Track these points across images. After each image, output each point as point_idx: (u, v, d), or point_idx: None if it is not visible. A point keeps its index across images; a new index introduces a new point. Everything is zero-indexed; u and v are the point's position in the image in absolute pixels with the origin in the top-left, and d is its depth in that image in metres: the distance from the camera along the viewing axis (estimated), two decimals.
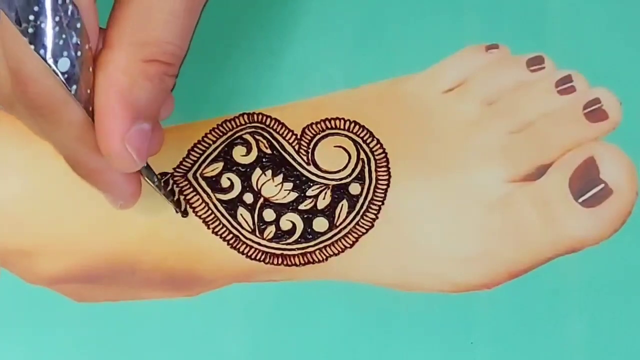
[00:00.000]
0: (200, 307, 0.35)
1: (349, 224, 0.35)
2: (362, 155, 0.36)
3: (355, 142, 0.37)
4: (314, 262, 0.35)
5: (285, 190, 0.36)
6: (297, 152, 0.36)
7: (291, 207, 0.35)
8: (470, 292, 0.35)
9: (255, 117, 0.37)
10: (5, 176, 0.35)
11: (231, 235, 0.35)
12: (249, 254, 0.35)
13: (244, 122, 0.37)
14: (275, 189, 0.36)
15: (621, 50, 0.39)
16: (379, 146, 0.37)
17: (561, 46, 0.39)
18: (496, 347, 0.34)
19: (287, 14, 0.39)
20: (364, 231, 0.35)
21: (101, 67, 0.26)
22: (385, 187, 0.36)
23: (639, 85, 0.38)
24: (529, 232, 0.35)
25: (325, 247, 0.35)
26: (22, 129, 0.27)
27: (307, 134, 0.37)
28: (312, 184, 0.36)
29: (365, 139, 0.37)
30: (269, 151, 0.36)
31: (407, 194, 0.36)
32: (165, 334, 0.34)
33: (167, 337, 0.34)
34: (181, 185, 0.35)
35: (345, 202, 0.36)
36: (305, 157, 0.36)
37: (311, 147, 0.36)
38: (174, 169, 0.36)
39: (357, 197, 0.36)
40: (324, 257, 0.35)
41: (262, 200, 0.35)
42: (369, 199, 0.36)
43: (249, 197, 0.35)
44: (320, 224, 0.35)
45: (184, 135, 0.36)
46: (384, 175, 0.36)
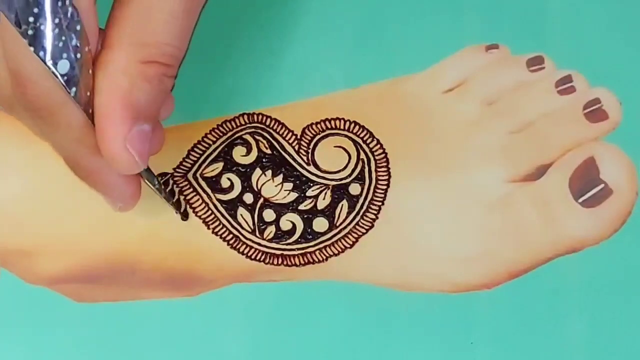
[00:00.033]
0: (200, 307, 0.35)
1: (349, 224, 0.35)
2: (362, 155, 0.36)
3: (355, 142, 0.37)
4: (314, 262, 0.35)
5: (285, 190, 0.36)
6: (297, 152, 0.36)
7: (291, 207, 0.35)
8: (470, 292, 0.35)
9: (255, 117, 0.37)
10: (5, 176, 0.35)
11: (231, 235, 0.35)
12: (249, 254, 0.35)
13: (244, 122, 0.37)
14: (275, 189, 0.36)
15: (621, 50, 0.39)
16: (379, 146, 0.37)
17: (561, 46, 0.39)
18: (496, 347, 0.34)
19: (287, 14, 0.39)
20: (364, 231, 0.35)
21: (101, 67, 0.26)
22: (385, 187, 0.36)
23: (639, 85, 0.38)
24: (529, 232, 0.35)
25: (325, 247, 0.35)
26: (22, 129, 0.27)
27: (307, 134, 0.37)
28: (312, 184, 0.36)
29: (365, 139, 0.37)
30: (269, 151, 0.36)
31: (407, 194, 0.36)
32: (165, 334, 0.34)
33: (167, 337, 0.34)
34: (181, 185, 0.35)
35: (345, 202, 0.36)
36: (305, 157, 0.36)
37: (311, 147, 0.36)
38: (174, 169, 0.36)
39: (357, 197, 0.36)
40: (324, 257, 0.35)
41: (262, 200, 0.35)
42: (369, 199, 0.36)
43: (249, 198, 0.35)
44: (320, 224, 0.35)
45: (184, 135, 0.36)
46: (384, 175, 0.36)
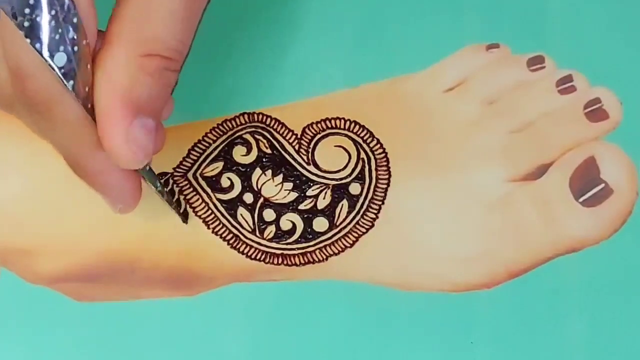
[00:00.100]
0: (200, 307, 0.35)
1: (349, 223, 0.35)
2: (362, 155, 0.36)
3: (355, 141, 0.37)
4: (314, 262, 0.35)
5: (285, 190, 0.36)
6: (297, 152, 0.36)
7: (291, 207, 0.35)
8: (470, 292, 0.35)
9: (255, 117, 0.37)
10: (5, 175, 0.35)
11: (231, 235, 0.35)
12: (249, 254, 0.35)
13: (244, 122, 0.37)
14: (275, 188, 0.36)
15: (621, 50, 0.39)
16: (379, 146, 0.37)
17: (561, 46, 0.39)
18: (496, 347, 0.34)
19: (287, 13, 0.39)
20: (364, 231, 0.35)
21: (100, 63, 0.25)
22: (385, 186, 0.36)
23: (639, 84, 0.38)
24: (529, 232, 0.35)
25: (325, 246, 0.35)
26: (22, 128, 0.27)
27: (307, 134, 0.37)
28: (312, 184, 0.36)
29: (365, 138, 0.37)
30: (269, 151, 0.36)
31: (407, 193, 0.36)
32: (165, 334, 0.34)
33: (167, 337, 0.34)
34: (181, 185, 0.35)
35: (345, 202, 0.36)
36: (305, 157, 0.36)
37: (311, 147, 0.36)
38: (174, 169, 0.36)
39: (357, 196, 0.36)
40: (324, 257, 0.35)
41: (262, 200, 0.35)
42: (369, 198, 0.36)
43: (249, 197, 0.35)
44: (320, 223, 0.35)
45: (184, 135, 0.36)
46: (384, 175, 0.36)
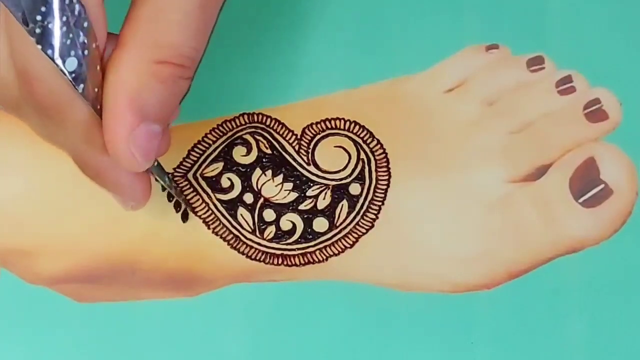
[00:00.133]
0: (200, 307, 0.35)
1: (349, 224, 0.35)
2: (362, 155, 0.36)
3: (355, 142, 0.37)
4: (314, 262, 0.35)
5: (285, 190, 0.36)
6: (297, 152, 0.36)
7: (291, 207, 0.35)
8: (470, 292, 0.35)
9: (255, 117, 0.37)
10: (5, 176, 0.35)
11: (231, 235, 0.35)
12: (249, 254, 0.35)
13: (244, 122, 0.37)
14: (275, 189, 0.36)
15: (621, 50, 0.39)
16: (379, 146, 0.37)
17: (561, 46, 0.39)
18: (496, 347, 0.34)
19: (287, 14, 0.39)
20: (364, 231, 0.35)
21: (112, 65, 0.25)
22: (385, 187, 0.36)
23: (639, 85, 0.38)
24: (529, 232, 0.35)
25: (325, 247, 0.35)
26: (23, 129, 0.27)
27: (307, 134, 0.37)
28: (312, 184, 0.36)
29: (365, 139, 0.37)
30: (269, 151, 0.36)
31: (407, 194, 0.36)
32: (165, 334, 0.34)
33: (167, 337, 0.34)
34: (181, 185, 0.35)
35: (345, 202, 0.36)
36: (305, 157, 0.36)
37: (311, 147, 0.36)
38: (174, 169, 0.36)
39: (357, 197, 0.36)
40: (324, 257, 0.35)
41: (262, 200, 0.35)
42: (369, 199, 0.36)
43: (249, 197, 0.35)
44: (320, 224, 0.35)
45: (184, 135, 0.36)
46: (384, 175, 0.36)
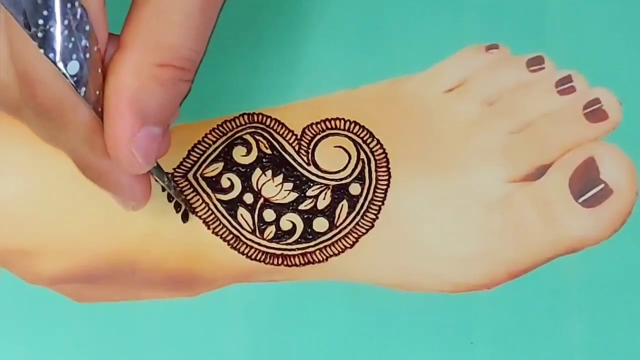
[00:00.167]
0: (200, 307, 0.35)
1: (349, 224, 0.35)
2: (362, 155, 0.36)
3: (355, 142, 0.37)
4: (314, 262, 0.35)
5: (285, 190, 0.36)
6: (297, 153, 0.36)
7: (291, 208, 0.35)
8: (470, 292, 0.35)
9: (255, 117, 0.37)
10: (5, 176, 0.35)
11: (231, 235, 0.35)
12: (249, 254, 0.35)
13: (244, 122, 0.37)
14: (275, 189, 0.36)
15: (621, 50, 0.39)
16: (379, 146, 0.37)
17: (561, 46, 0.39)
18: (496, 347, 0.34)
19: (287, 14, 0.39)
20: (364, 231, 0.35)
21: (113, 69, 0.25)
22: (385, 187, 0.36)
23: (639, 85, 0.38)
24: (529, 232, 0.35)
25: (325, 247, 0.35)
26: (23, 129, 0.27)
27: (307, 134, 0.37)
28: (312, 184, 0.36)
29: (365, 139, 0.37)
30: (269, 151, 0.36)
31: (407, 194, 0.36)
32: (165, 334, 0.34)
33: (167, 337, 0.34)
34: (181, 185, 0.35)
35: (345, 203, 0.36)
36: (305, 158, 0.36)
37: (311, 147, 0.36)
38: (174, 169, 0.36)
39: (357, 197, 0.36)
40: (324, 257, 0.35)
41: (262, 200, 0.35)
42: (369, 199, 0.36)
43: (249, 198, 0.35)
44: (320, 224, 0.35)
45: (184, 135, 0.36)
46: (384, 175, 0.36)
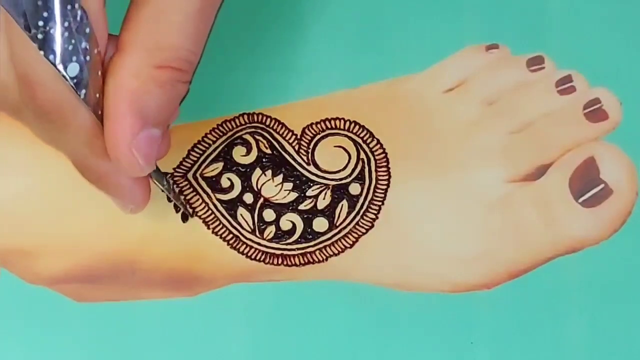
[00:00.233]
0: (200, 307, 0.35)
1: (349, 224, 0.35)
2: (362, 155, 0.36)
3: (355, 142, 0.37)
4: (314, 262, 0.35)
5: (285, 190, 0.36)
6: (297, 152, 0.36)
7: (291, 207, 0.35)
8: (470, 292, 0.35)
9: (255, 117, 0.37)
10: (5, 176, 0.35)
11: (231, 235, 0.35)
12: (249, 254, 0.35)
13: (244, 122, 0.37)
14: (275, 189, 0.36)
15: (621, 50, 0.39)
16: (379, 146, 0.37)
17: (561, 46, 0.39)
18: (496, 347, 0.34)
19: (287, 14, 0.39)
20: (364, 231, 0.35)
21: (112, 71, 0.25)
22: (385, 187, 0.36)
23: (639, 85, 0.38)
24: (529, 232, 0.35)
25: (325, 247, 0.35)
26: (23, 129, 0.27)
27: (307, 134, 0.37)
28: (312, 184, 0.36)
29: (365, 139, 0.37)
30: (269, 151, 0.36)
31: (407, 194, 0.36)
32: (165, 334, 0.34)
33: (167, 337, 0.34)
34: (181, 185, 0.35)
35: (345, 202, 0.36)
36: (305, 157, 0.36)
37: (311, 147, 0.36)
38: (174, 169, 0.36)
39: (357, 197, 0.36)
40: (324, 257, 0.35)
41: (262, 200, 0.35)
42: (369, 199, 0.36)
43: (249, 197, 0.35)
44: (320, 224, 0.35)
45: (183, 135, 0.36)
46: (384, 175, 0.36)
